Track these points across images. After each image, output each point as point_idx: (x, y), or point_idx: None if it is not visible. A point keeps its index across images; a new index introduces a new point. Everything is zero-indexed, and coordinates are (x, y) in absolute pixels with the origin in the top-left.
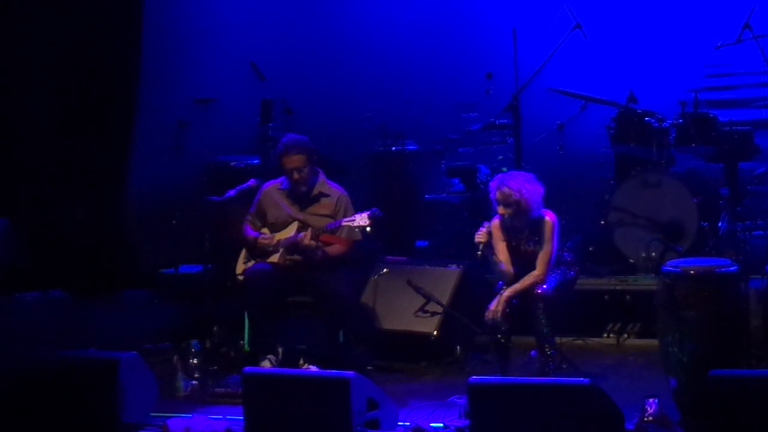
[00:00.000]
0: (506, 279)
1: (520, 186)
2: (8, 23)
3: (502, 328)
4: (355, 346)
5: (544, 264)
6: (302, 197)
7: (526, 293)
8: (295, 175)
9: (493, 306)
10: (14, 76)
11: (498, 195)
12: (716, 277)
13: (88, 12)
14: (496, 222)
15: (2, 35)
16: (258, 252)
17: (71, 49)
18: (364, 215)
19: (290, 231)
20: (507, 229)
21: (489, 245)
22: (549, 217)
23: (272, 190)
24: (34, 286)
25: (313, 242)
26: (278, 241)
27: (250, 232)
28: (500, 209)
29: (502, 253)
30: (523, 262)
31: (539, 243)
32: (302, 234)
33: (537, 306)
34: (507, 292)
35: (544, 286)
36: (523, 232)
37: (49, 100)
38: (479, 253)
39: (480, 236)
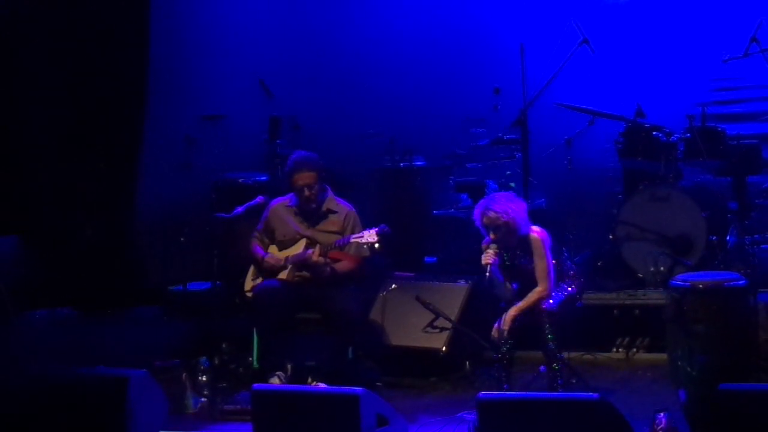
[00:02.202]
0: (507, 298)
1: (504, 207)
2: (16, 40)
3: (507, 347)
4: (364, 362)
5: (544, 279)
6: (310, 214)
7: (532, 309)
8: (306, 192)
9: (499, 325)
10: (22, 93)
11: (485, 221)
12: (725, 291)
13: (96, 28)
14: (488, 243)
15: (9, 52)
16: (266, 270)
17: (79, 66)
18: (373, 232)
19: (298, 248)
20: (499, 248)
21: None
22: (536, 234)
23: (280, 207)
24: (43, 303)
25: (321, 259)
26: (286, 258)
27: (258, 251)
28: (491, 235)
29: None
30: (522, 280)
31: (531, 260)
32: (310, 251)
33: (543, 321)
34: (513, 311)
35: (550, 302)
36: (514, 251)
37: (57, 117)
38: (487, 274)
39: (487, 257)
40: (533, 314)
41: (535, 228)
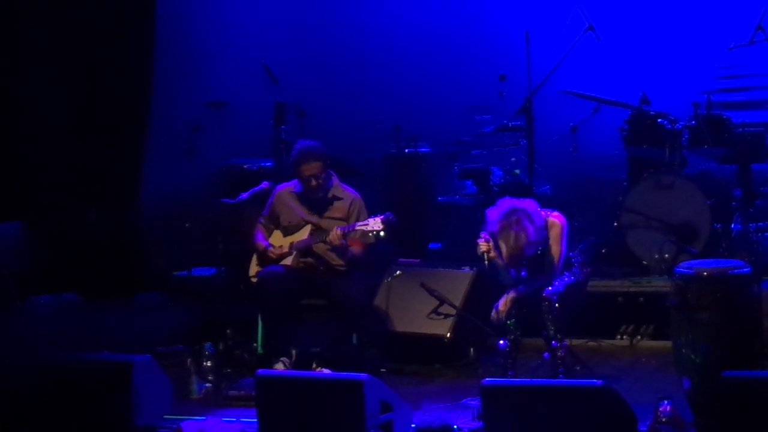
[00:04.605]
0: (511, 283)
1: (537, 238)
2: (21, 27)
3: (510, 328)
4: (368, 349)
5: (552, 266)
6: (316, 200)
7: (535, 295)
8: (313, 182)
9: (499, 306)
10: (27, 80)
11: (509, 241)
12: (729, 279)
13: (101, 16)
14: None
15: (14, 39)
16: (267, 261)
17: (84, 53)
18: (378, 219)
19: (303, 234)
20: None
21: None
22: (557, 219)
23: (285, 192)
24: (48, 289)
25: (343, 241)
26: (291, 243)
27: (261, 240)
28: (501, 246)
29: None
30: (530, 265)
31: (547, 248)
32: (313, 239)
33: (544, 308)
34: (513, 294)
35: (557, 285)
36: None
37: (62, 104)
38: (486, 262)
39: (483, 245)
40: (536, 300)
41: (555, 213)
